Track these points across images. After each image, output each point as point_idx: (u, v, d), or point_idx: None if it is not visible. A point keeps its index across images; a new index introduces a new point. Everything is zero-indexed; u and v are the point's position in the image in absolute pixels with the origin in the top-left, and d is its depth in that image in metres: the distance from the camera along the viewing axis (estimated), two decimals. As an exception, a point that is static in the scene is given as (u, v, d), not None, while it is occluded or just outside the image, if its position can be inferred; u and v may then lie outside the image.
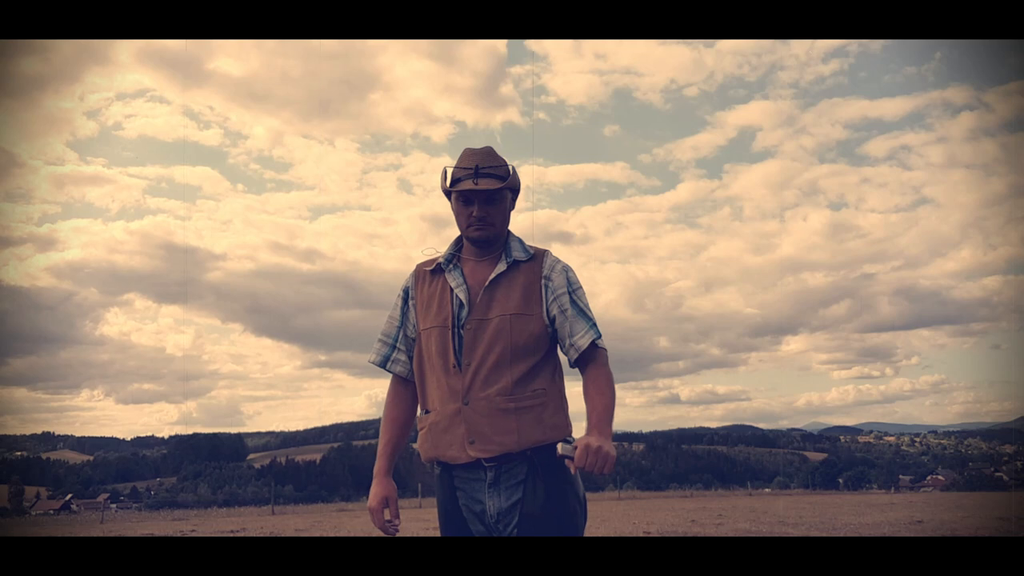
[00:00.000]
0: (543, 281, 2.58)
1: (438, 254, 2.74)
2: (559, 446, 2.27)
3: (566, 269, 2.63)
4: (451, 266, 2.65)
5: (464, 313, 2.56)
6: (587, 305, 2.62)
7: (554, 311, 2.56)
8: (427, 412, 2.59)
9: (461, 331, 2.54)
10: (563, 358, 2.61)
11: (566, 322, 2.56)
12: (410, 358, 2.69)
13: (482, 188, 2.52)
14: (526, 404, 2.46)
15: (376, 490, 2.58)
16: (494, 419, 2.43)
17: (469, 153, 2.61)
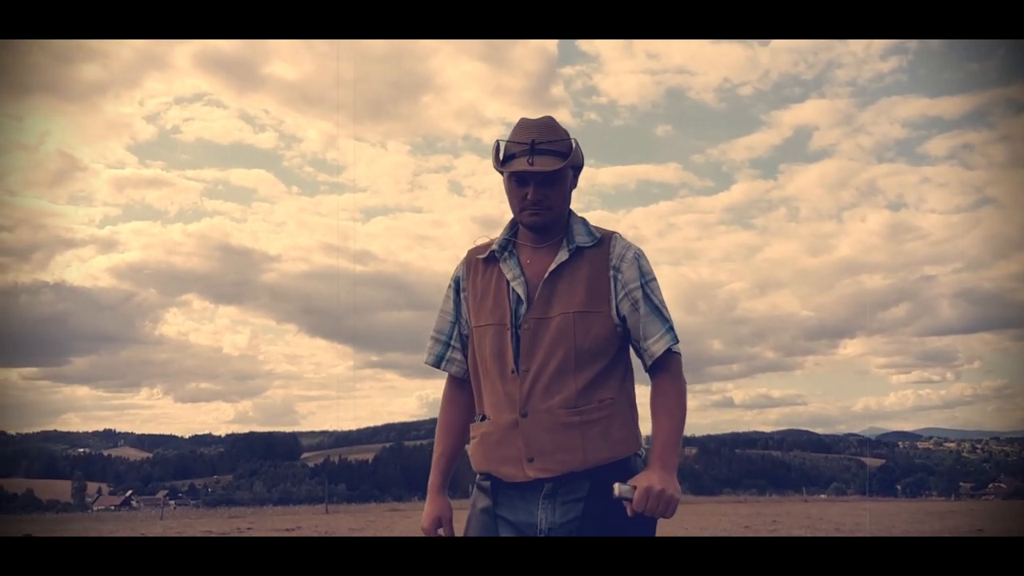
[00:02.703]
0: (611, 272, 2.25)
1: (490, 240, 2.41)
2: (616, 487, 2.03)
3: (638, 256, 2.29)
4: (506, 254, 2.33)
5: (523, 310, 2.25)
6: (662, 301, 2.29)
7: (625, 308, 2.24)
8: (482, 419, 2.31)
9: (519, 331, 2.24)
10: (635, 358, 2.32)
11: (639, 322, 2.24)
12: (466, 357, 2.38)
13: (538, 169, 2.18)
14: (593, 417, 2.18)
15: (429, 509, 2.33)
16: (556, 434, 2.15)
17: (525, 125, 2.27)
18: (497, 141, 2.28)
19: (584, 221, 2.34)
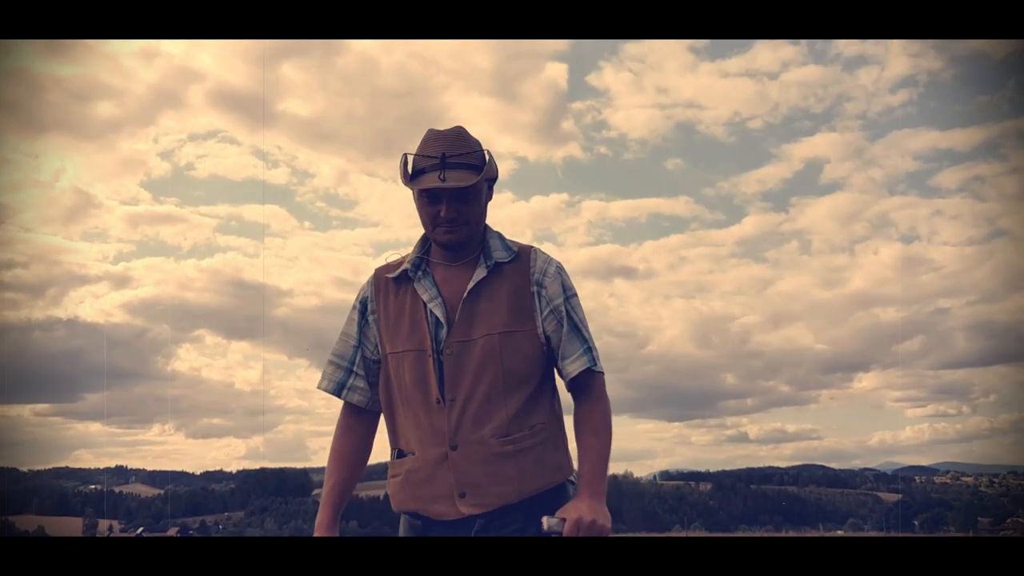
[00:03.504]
0: (534, 288, 2.13)
1: (400, 257, 2.25)
2: (544, 520, 1.95)
3: (560, 271, 2.18)
4: (419, 273, 2.17)
5: (443, 333, 2.10)
6: (583, 319, 2.17)
7: (549, 326, 2.14)
8: (401, 456, 2.16)
9: (441, 356, 2.09)
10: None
11: (560, 341, 2.14)
12: (371, 385, 2.22)
13: (451, 185, 2.03)
14: (526, 445, 2.07)
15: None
16: (490, 466, 2.03)
17: (434, 137, 2.10)
18: (404, 155, 2.12)
19: (500, 235, 2.21)
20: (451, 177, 2.04)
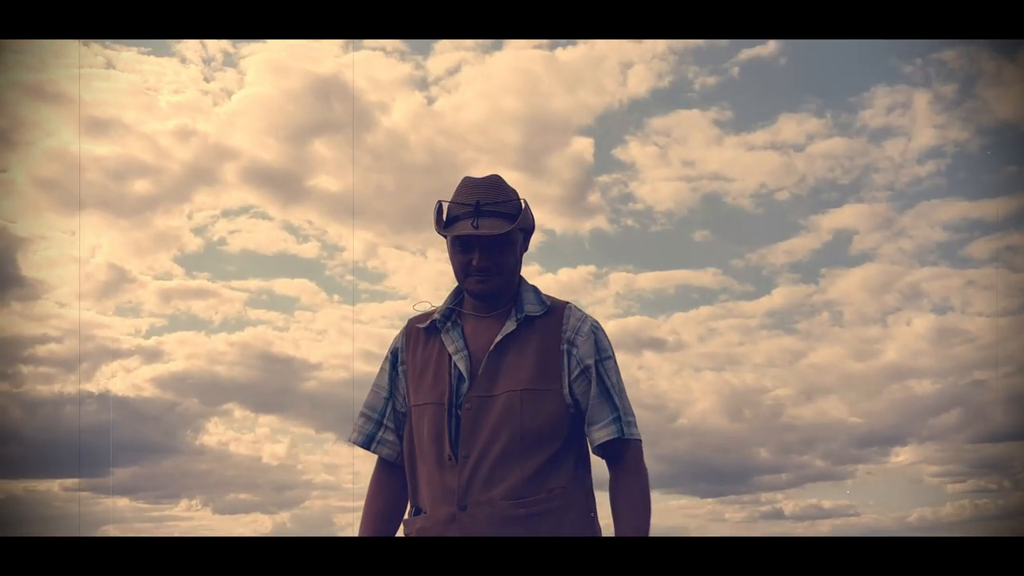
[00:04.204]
0: (564, 346, 2.03)
1: (433, 308, 2.19)
2: None
3: (595, 329, 2.08)
4: (448, 324, 2.11)
5: (464, 387, 2.02)
6: (616, 384, 2.05)
7: (579, 388, 2.02)
8: (417, 513, 2.06)
9: (459, 411, 2.00)
10: None
11: (588, 406, 2.02)
12: (400, 438, 2.14)
13: (484, 232, 1.98)
14: (541, 509, 1.94)
15: None
16: (499, 530, 1.91)
17: (469, 184, 2.07)
18: (439, 202, 2.07)
19: (535, 289, 2.13)
20: (484, 225, 1.98)
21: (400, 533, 2.12)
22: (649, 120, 9.72)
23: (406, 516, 2.10)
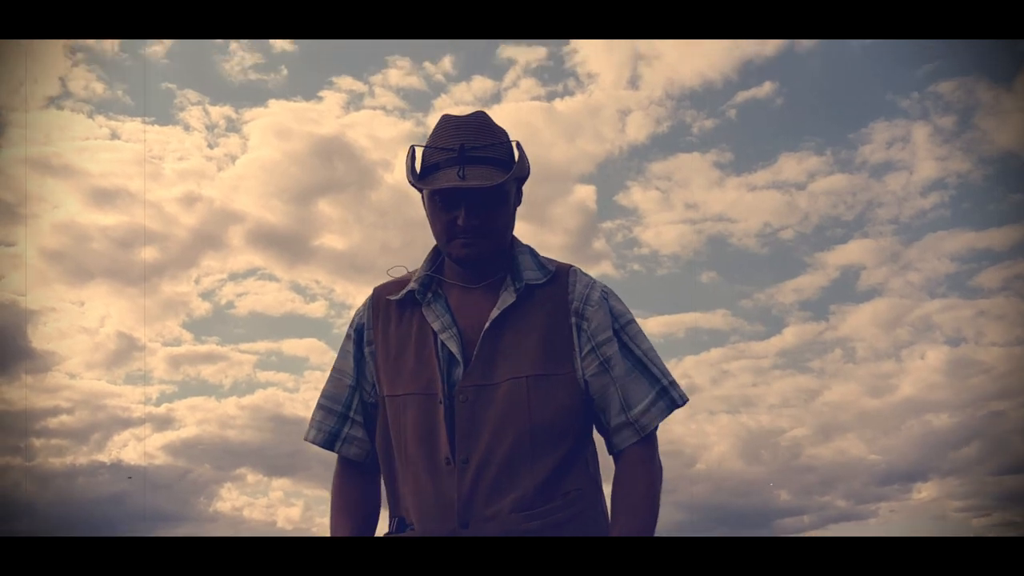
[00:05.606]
0: (573, 319, 1.69)
1: (406, 273, 1.83)
2: None
3: (606, 295, 1.73)
4: (430, 295, 1.73)
5: (458, 373, 1.66)
6: (648, 348, 1.72)
7: (590, 368, 1.67)
8: (401, 528, 1.71)
9: (454, 403, 1.64)
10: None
11: (612, 385, 1.67)
12: (370, 435, 1.78)
13: (473, 184, 1.59)
14: (557, 518, 1.62)
15: None
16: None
17: (450, 124, 1.66)
18: (412, 147, 1.68)
19: (532, 250, 1.77)
20: (473, 174, 1.59)
21: None
22: (650, 165, 9.88)
23: (389, 530, 1.76)
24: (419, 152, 1.68)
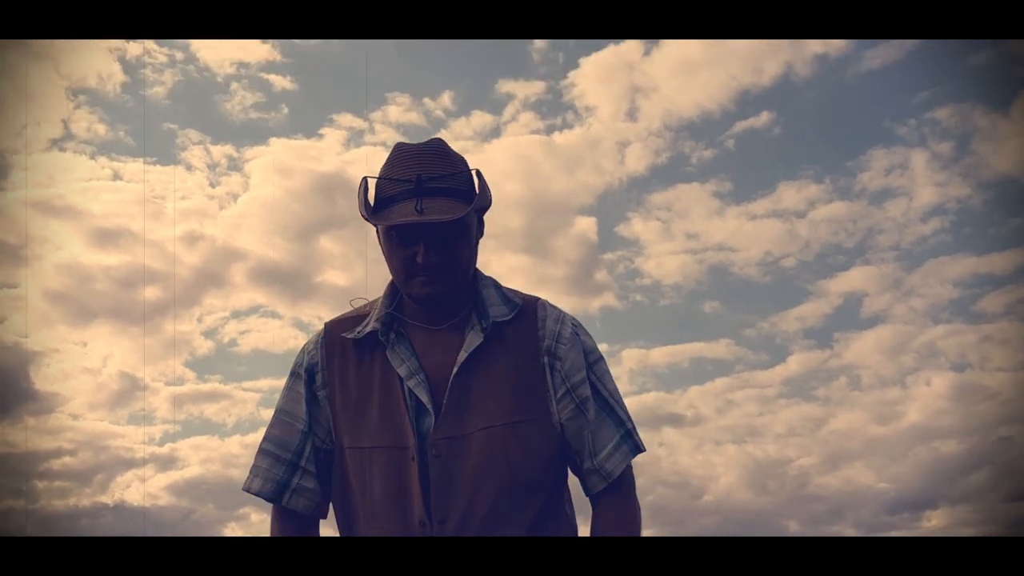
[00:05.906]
0: (545, 359, 1.58)
1: (364, 306, 1.69)
2: None
3: (576, 330, 1.62)
4: (393, 336, 1.59)
5: (428, 423, 1.53)
6: (613, 388, 1.64)
7: (565, 412, 1.57)
8: None
9: (426, 458, 1.52)
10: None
11: (585, 429, 1.58)
12: (322, 486, 1.63)
13: (432, 219, 1.46)
14: None
15: None
16: None
17: (405, 153, 1.54)
18: (364, 179, 1.55)
19: (496, 284, 1.66)
20: (431, 207, 1.47)
21: None
22: (650, 196, 9.97)
23: None
24: (372, 184, 1.55)
